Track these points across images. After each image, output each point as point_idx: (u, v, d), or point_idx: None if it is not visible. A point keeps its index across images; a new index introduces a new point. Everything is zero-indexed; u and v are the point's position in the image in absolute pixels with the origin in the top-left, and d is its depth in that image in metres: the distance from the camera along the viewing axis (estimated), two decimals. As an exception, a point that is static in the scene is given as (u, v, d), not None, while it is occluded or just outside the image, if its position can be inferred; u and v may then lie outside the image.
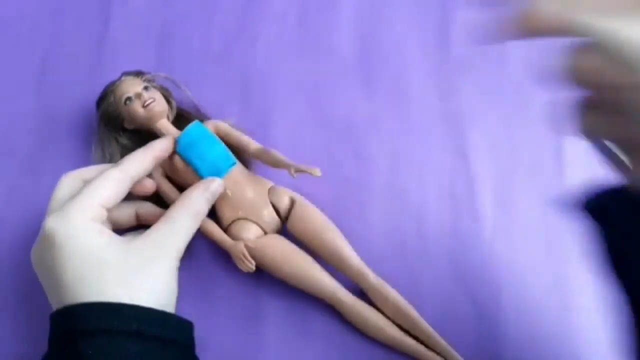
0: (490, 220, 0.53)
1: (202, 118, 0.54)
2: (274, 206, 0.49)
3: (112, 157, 0.53)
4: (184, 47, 0.60)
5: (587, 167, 0.55)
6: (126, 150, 0.52)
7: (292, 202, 0.49)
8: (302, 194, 0.50)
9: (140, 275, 0.33)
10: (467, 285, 0.51)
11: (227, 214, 0.47)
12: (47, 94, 0.58)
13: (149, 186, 0.45)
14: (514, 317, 0.50)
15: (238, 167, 0.50)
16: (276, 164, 0.48)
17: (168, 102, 0.54)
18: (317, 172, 0.45)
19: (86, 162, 0.54)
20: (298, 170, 0.46)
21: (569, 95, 0.31)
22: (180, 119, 0.55)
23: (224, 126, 0.52)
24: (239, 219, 0.47)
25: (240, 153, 0.52)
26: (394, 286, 0.49)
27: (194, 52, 0.60)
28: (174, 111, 0.55)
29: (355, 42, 0.61)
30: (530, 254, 0.52)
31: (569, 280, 0.51)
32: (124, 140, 0.53)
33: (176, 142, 0.49)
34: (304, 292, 0.48)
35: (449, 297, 0.51)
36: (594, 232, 0.35)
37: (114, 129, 0.53)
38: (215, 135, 0.51)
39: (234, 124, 0.53)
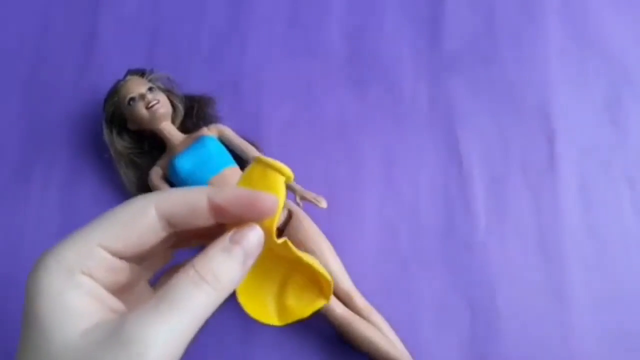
0: (483, 221, 0.53)
1: (207, 122, 0.54)
2: None
3: (119, 157, 0.53)
4: (174, 48, 0.60)
5: (580, 164, 0.55)
6: (131, 151, 0.53)
7: (290, 214, 0.49)
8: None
9: None
10: (461, 285, 0.51)
11: None
12: (35, 98, 0.58)
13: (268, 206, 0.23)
14: (508, 317, 0.50)
15: (234, 170, 0.50)
16: None
17: (173, 105, 0.54)
18: (323, 203, 0.45)
19: (76, 166, 0.54)
20: (303, 199, 0.46)
21: None
22: (186, 123, 0.55)
23: (228, 131, 0.53)
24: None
25: (241, 161, 0.52)
26: (387, 287, 0.48)
27: (184, 53, 0.60)
28: (180, 115, 0.55)
29: (345, 42, 0.60)
30: (524, 253, 0.52)
31: (563, 279, 0.51)
32: (126, 141, 0.53)
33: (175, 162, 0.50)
34: None
35: (443, 298, 0.50)
36: None
37: (118, 129, 0.53)
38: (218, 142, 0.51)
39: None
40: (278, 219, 0.24)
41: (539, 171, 0.55)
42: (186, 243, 0.26)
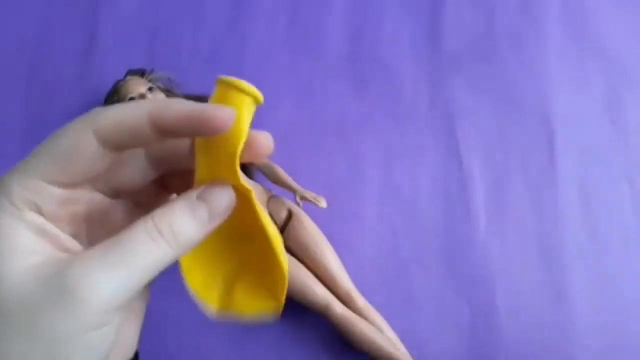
0: (483, 219, 0.53)
1: None
2: (271, 215, 0.49)
3: None
4: (174, 47, 0.60)
5: (580, 164, 0.55)
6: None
7: (290, 214, 0.50)
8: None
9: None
10: (461, 284, 0.51)
11: None
12: (35, 98, 0.58)
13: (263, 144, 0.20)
14: (508, 315, 0.50)
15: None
16: (281, 183, 0.48)
17: None
18: (323, 203, 0.46)
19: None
20: (303, 199, 0.47)
21: None
22: None
23: None
24: None
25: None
26: (387, 287, 0.48)
27: (184, 53, 0.60)
28: None
29: (345, 42, 0.60)
30: (524, 253, 0.52)
31: (562, 277, 0.51)
32: None
33: None
34: (295, 302, 0.47)
35: (443, 297, 0.50)
36: None
37: None
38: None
39: None
40: (242, 143, 0.20)
41: (539, 171, 0.55)
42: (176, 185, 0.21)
